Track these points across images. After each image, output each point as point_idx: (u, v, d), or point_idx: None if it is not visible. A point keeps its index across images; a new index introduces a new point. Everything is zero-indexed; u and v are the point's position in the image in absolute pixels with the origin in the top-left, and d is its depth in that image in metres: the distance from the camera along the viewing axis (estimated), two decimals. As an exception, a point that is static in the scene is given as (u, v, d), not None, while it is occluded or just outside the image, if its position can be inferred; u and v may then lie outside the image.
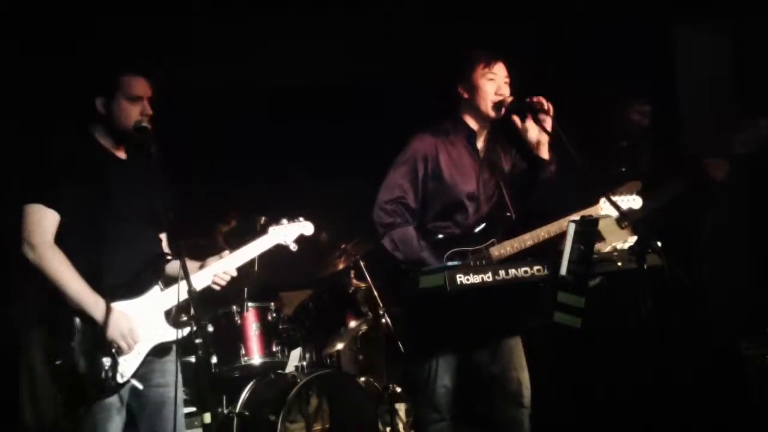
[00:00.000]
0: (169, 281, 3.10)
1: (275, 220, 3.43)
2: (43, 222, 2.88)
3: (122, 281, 2.98)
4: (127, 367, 2.91)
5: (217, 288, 3.19)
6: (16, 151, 4.90)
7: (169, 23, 5.23)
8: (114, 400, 2.92)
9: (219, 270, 3.17)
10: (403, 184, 3.48)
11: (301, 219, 3.48)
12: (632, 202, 3.65)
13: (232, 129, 5.66)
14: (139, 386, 2.97)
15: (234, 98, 5.66)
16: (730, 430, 4.25)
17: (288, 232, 3.41)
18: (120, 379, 2.89)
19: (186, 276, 2.81)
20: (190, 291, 2.80)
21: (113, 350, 2.88)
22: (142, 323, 2.96)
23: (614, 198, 3.62)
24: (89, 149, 3.03)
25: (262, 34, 5.51)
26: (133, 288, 3.00)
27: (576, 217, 3.35)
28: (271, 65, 5.60)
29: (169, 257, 3.17)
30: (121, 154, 3.11)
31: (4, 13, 4.66)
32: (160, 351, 3.04)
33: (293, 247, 3.41)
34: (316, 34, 5.54)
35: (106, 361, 2.87)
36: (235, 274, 3.22)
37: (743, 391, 4.20)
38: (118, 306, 2.92)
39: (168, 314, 3.04)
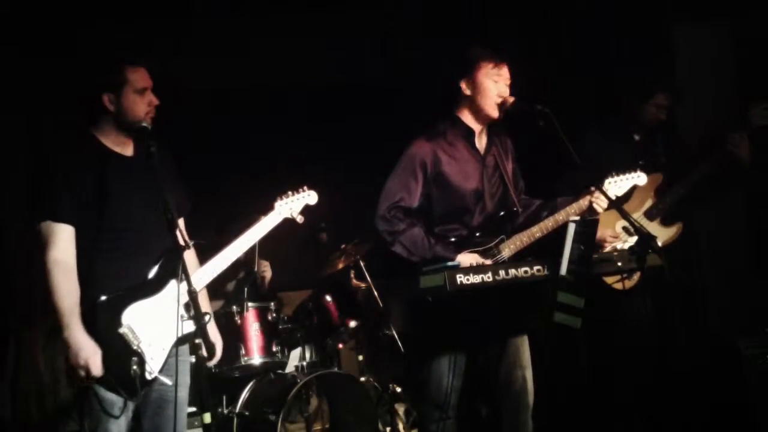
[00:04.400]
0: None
1: (279, 194, 3.35)
2: (55, 238, 2.87)
3: (139, 281, 2.95)
4: (154, 364, 2.90)
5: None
6: (18, 151, 4.93)
7: (169, 23, 5.23)
8: (115, 398, 2.88)
9: (223, 258, 3.11)
10: (400, 190, 3.45)
11: (305, 188, 3.41)
12: (636, 179, 3.60)
13: (232, 129, 5.66)
14: (168, 382, 2.96)
15: (234, 98, 5.66)
16: (730, 430, 4.25)
17: (294, 204, 3.35)
18: (148, 376, 2.88)
19: (186, 276, 2.80)
20: (191, 291, 2.79)
21: (140, 349, 2.86)
22: (161, 319, 2.93)
23: (617, 177, 3.60)
24: (93, 153, 2.98)
25: (262, 34, 5.51)
26: (150, 286, 2.96)
27: (577, 216, 3.36)
28: (271, 65, 5.60)
29: (185, 247, 3.01)
30: (128, 152, 3.06)
31: (4, 14, 4.67)
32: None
33: (300, 219, 3.34)
34: (317, 34, 5.55)
35: (135, 360, 2.85)
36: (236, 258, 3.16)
37: (742, 391, 4.20)
38: (137, 306, 2.90)
39: (187, 306, 2.96)
